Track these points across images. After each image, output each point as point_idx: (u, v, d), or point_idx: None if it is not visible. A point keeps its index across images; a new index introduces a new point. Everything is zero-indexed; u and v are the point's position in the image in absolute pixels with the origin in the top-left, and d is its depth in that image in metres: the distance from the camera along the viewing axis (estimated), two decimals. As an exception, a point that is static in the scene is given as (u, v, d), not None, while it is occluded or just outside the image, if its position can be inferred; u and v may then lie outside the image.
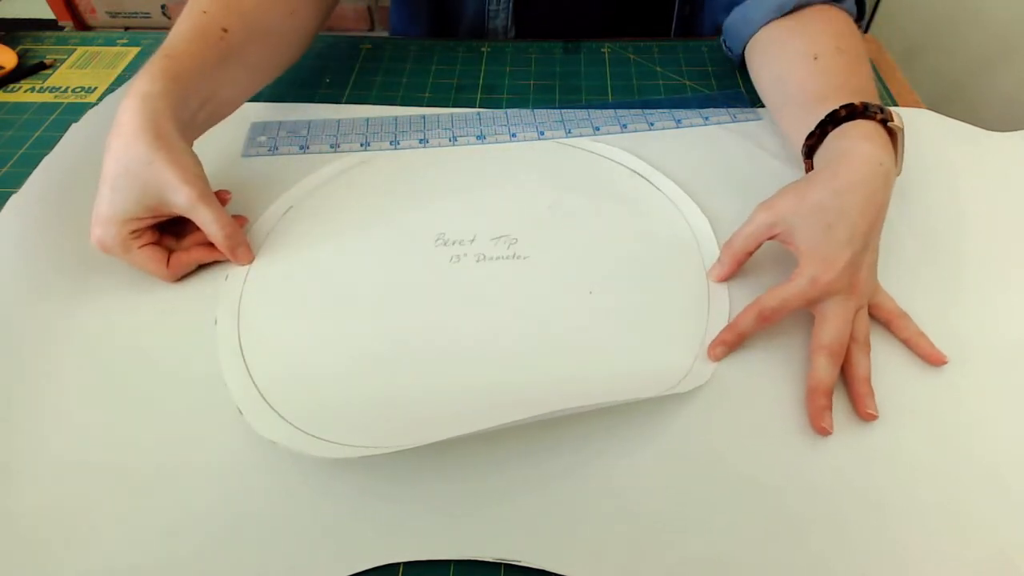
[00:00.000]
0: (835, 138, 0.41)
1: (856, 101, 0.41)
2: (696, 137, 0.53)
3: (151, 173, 0.38)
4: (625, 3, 0.66)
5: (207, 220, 0.40)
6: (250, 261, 0.43)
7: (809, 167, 0.44)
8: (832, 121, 0.41)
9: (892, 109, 0.41)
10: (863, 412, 0.35)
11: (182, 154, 0.40)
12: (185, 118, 0.42)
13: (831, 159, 0.39)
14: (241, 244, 0.42)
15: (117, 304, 0.41)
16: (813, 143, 0.42)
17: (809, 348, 0.37)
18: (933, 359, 0.38)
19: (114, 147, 0.38)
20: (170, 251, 0.41)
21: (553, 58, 0.62)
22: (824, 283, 0.36)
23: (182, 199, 0.39)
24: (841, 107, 0.41)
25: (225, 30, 0.45)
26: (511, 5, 0.64)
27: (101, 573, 0.31)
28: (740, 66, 0.57)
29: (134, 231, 0.39)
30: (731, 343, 0.38)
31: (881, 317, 0.39)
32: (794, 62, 0.48)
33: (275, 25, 0.50)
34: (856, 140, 0.39)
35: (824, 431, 0.35)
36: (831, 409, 0.35)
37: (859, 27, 0.51)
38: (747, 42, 0.54)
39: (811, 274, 0.36)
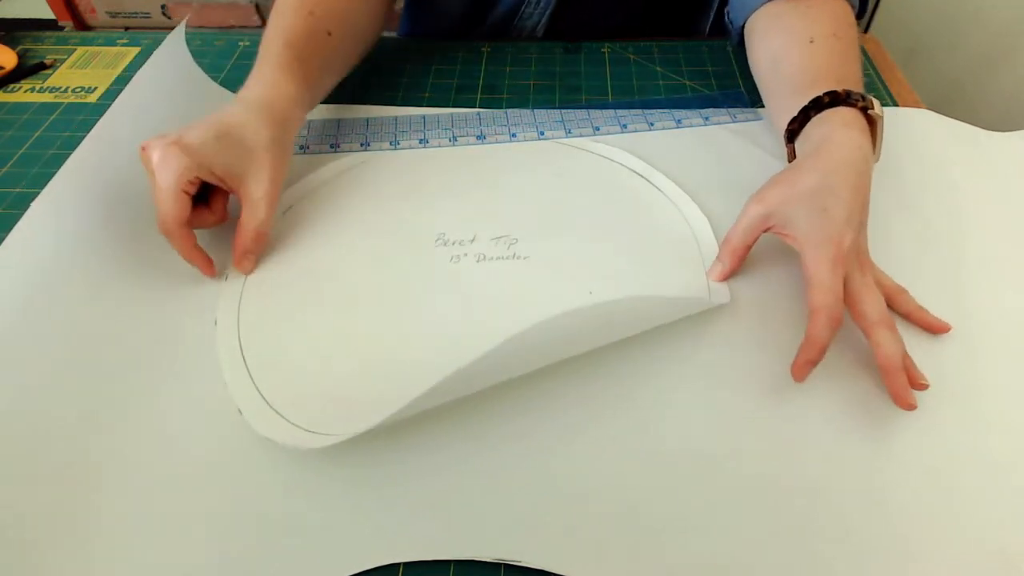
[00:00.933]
0: (816, 124, 0.42)
1: (840, 88, 0.41)
2: (696, 137, 0.53)
3: (257, 155, 0.41)
4: (661, 6, 0.66)
5: (255, 216, 0.41)
6: (249, 272, 0.43)
7: (791, 151, 0.45)
8: (815, 107, 0.42)
9: (873, 98, 0.42)
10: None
11: (284, 160, 0.43)
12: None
13: (813, 146, 0.40)
14: (254, 253, 0.42)
15: (117, 304, 0.41)
16: (795, 127, 0.43)
17: (862, 330, 0.36)
18: (937, 329, 0.39)
19: (243, 114, 0.41)
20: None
21: (553, 58, 0.62)
22: (841, 262, 0.36)
23: (258, 189, 0.41)
24: (825, 94, 0.42)
25: (329, 33, 0.48)
26: (551, 7, 0.63)
27: (100, 574, 0.31)
28: (738, 45, 0.57)
29: (194, 180, 0.39)
30: (816, 360, 0.36)
31: (881, 294, 0.39)
32: (790, 43, 0.49)
33: (361, 29, 0.53)
34: (836, 127, 0.40)
35: (911, 407, 0.35)
36: (909, 385, 0.35)
37: (858, 24, 0.52)
38: (750, 15, 0.54)
39: (828, 258, 0.36)
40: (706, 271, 0.42)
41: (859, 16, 0.53)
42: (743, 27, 0.56)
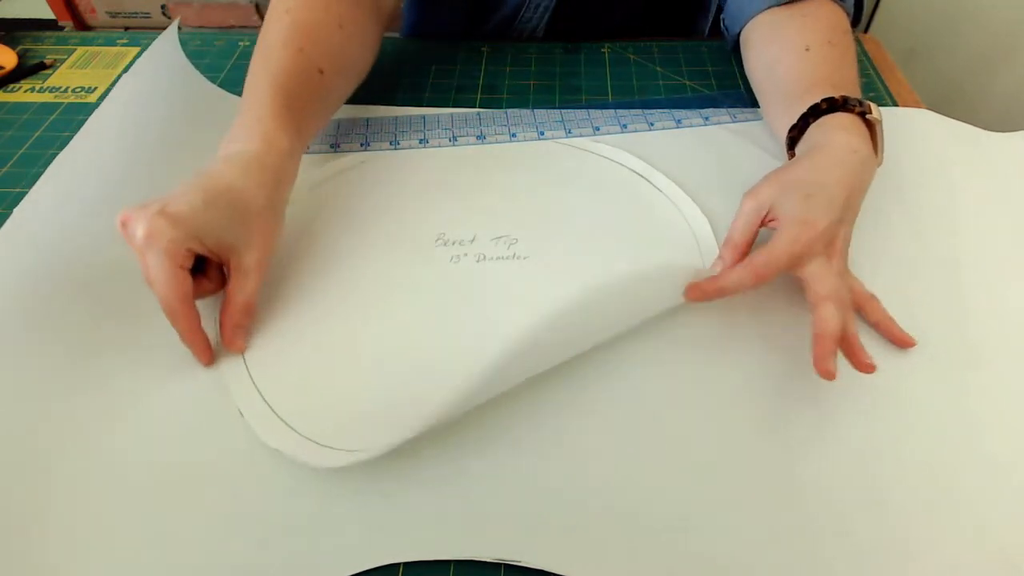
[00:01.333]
0: (815, 130, 0.42)
1: (837, 95, 0.42)
2: (696, 137, 0.53)
3: (250, 220, 0.38)
4: (660, 6, 0.66)
5: (244, 288, 0.38)
6: (243, 351, 0.39)
7: (791, 158, 0.45)
8: (813, 114, 0.43)
9: (870, 102, 0.42)
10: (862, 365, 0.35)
11: (278, 223, 0.40)
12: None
13: (809, 149, 0.41)
14: (244, 327, 0.39)
15: (115, 304, 0.40)
16: (795, 135, 0.44)
17: (810, 304, 0.36)
18: (902, 342, 0.39)
19: (233, 175, 0.38)
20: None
21: (553, 58, 0.62)
22: (805, 240, 0.36)
23: (249, 258, 0.38)
24: (822, 100, 0.42)
25: (321, 71, 0.45)
26: (551, 9, 0.63)
27: (99, 574, 0.31)
28: (734, 49, 0.58)
29: (187, 254, 0.36)
30: (711, 294, 0.37)
31: (846, 285, 0.39)
32: (786, 51, 0.49)
33: (354, 63, 0.50)
34: (834, 131, 0.41)
35: (829, 374, 0.34)
36: (836, 356, 0.35)
37: (858, 24, 0.52)
38: (745, 23, 0.54)
39: (793, 233, 0.37)
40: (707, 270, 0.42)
41: (855, 23, 0.53)
42: (739, 34, 0.56)
